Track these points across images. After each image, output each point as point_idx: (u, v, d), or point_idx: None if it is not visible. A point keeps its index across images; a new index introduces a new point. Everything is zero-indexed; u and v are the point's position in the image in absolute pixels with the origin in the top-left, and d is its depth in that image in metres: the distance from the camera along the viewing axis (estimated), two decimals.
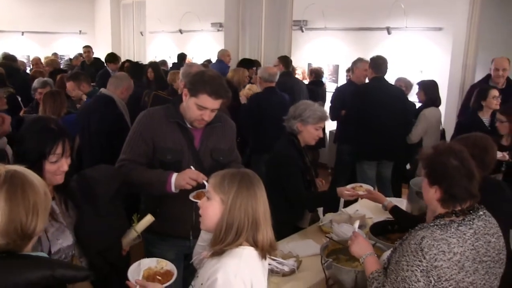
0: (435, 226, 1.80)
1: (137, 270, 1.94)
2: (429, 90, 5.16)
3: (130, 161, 2.54)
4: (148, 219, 2.28)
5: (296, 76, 6.95)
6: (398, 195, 5.19)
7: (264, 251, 1.78)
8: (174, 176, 2.42)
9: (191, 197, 2.38)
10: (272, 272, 2.50)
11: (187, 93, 2.51)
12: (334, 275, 2.38)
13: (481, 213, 1.89)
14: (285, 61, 6.43)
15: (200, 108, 2.46)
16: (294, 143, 3.21)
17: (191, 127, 2.59)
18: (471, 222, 1.83)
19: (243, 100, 5.55)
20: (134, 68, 5.96)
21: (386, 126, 4.83)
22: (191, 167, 2.44)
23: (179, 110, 2.59)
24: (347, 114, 5.29)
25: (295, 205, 3.23)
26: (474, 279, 1.79)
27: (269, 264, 2.53)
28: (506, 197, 2.72)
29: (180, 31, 11.11)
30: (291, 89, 5.67)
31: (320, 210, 3.84)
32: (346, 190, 3.07)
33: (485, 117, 4.48)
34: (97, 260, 2.08)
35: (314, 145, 6.55)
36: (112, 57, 7.72)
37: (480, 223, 1.85)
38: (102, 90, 4.26)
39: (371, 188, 3.20)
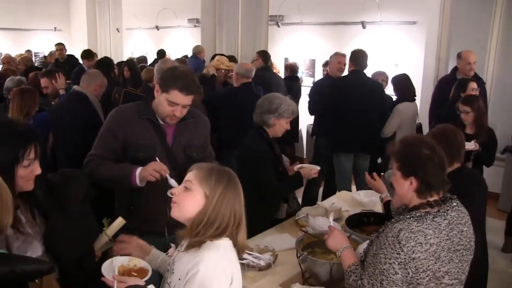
0: (411, 218, 1.81)
1: (111, 267, 1.90)
2: (399, 85, 5.25)
3: (98, 156, 2.53)
4: (119, 222, 2.23)
5: None
6: None
7: (240, 250, 1.79)
8: (139, 169, 2.40)
9: (169, 194, 2.36)
10: (248, 266, 2.49)
11: (158, 89, 2.49)
12: (310, 268, 2.39)
13: (454, 203, 1.91)
14: (264, 55, 6.42)
15: (171, 104, 2.45)
16: (263, 136, 3.26)
17: (163, 123, 2.57)
18: (445, 213, 1.85)
19: (212, 70, 5.59)
20: (103, 64, 5.87)
21: (363, 119, 4.87)
22: (156, 158, 2.43)
23: (151, 106, 2.57)
24: (324, 107, 5.31)
25: (269, 198, 3.23)
26: (449, 268, 1.81)
27: (245, 259, 2.55)
28: (482, 188, 2.79)
29: (157, 28, 11.04)
30: (268, 83, 5.68)
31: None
32: (310, 170, 3.31)
33: None
34: (72, 269, 1.99)
35: (289, 140, 6.64)
36: (88, 54, 7.57)
37: (453, 213, 1.88)
38: (75, 87, 4.20)
39: (316, 167, 3.38)
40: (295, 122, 6.71)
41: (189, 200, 1.74)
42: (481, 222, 2.79)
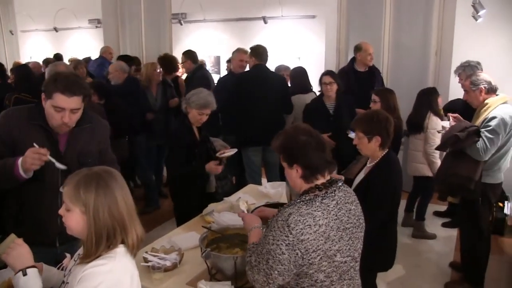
0: (301, 202, 1.87)
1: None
2: (292, 77, 5.46)
3: None
4: (12, 239, 2.11)
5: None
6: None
7: (135, 250, 1.73)
8: (20, 159, 2.26)
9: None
10: (153, 268, 2.45)
11: (44, 97, 2.35)
12: (215, 264, 2.39)
13: (340, 184, 2.00)
14: (192, 56, 6.11)
15: (57, 110, 2.31)
16: (184, 122, 3.60)
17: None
18: (333, 194, 1.93)
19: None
20: None
21: (268, 112, 4.97)
22: (34, 144, 2.28)
23: (44, 112, 2.41)
24: (230, 102, 5.33)
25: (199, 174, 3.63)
26: (340, 246, 1.89)
27: (150, 261, 2.51)
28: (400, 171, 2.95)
29: (55, 29, 10.50)
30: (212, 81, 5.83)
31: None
32: (215, 165, 3.59)
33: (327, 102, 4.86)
34: None
35: None
36: None
37: (340, 193, 1.96)
38: None
39: (234, 150, 3.80)
40: (215, 119, 6.74)
41: (72, 221, 1.65)
42: (398, 205, 2.97)
